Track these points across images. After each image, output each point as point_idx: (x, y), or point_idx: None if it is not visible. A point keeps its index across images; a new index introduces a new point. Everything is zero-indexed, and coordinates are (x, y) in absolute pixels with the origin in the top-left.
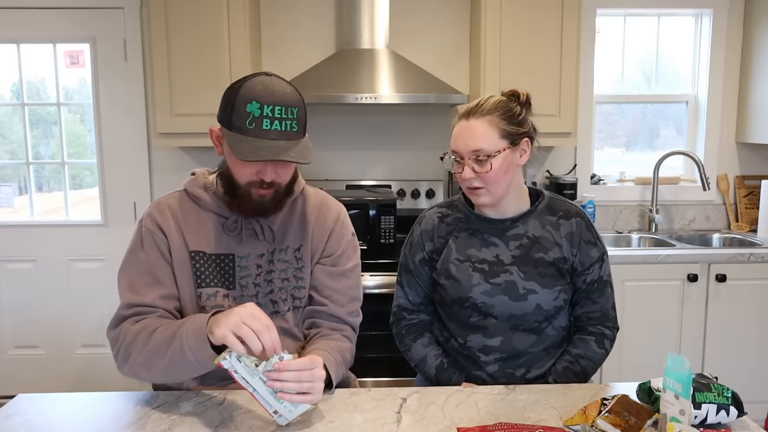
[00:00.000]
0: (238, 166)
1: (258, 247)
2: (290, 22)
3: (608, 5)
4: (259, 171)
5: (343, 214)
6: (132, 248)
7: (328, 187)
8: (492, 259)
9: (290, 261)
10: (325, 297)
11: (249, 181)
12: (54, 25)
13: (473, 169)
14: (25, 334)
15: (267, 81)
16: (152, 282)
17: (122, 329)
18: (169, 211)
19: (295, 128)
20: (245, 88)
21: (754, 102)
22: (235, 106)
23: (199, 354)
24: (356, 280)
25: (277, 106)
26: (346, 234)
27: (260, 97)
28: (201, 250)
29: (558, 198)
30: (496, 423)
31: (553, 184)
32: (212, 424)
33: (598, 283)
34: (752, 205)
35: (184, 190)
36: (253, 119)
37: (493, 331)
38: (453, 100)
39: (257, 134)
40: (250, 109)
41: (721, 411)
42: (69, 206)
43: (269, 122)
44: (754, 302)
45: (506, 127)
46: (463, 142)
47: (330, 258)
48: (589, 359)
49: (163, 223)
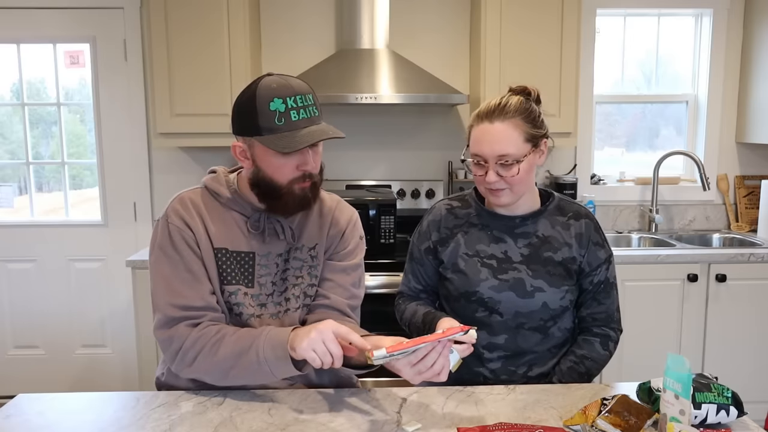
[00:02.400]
0: (277, 167)
1: (278, 247)
2: (290, 22)
3: (608, 5)
4: (300, 164)
5: (356, 218)
6: (161, 245)
7: (328, 187)
8: (501, 256)
9: (305, 259)
10: (327, 290)
11: (292, 178)
12: (54, 25)
13: (497, 172)
14: (25, 334)
15: (276, 78)
16: (191, 280)
17: (178, 332)
18: (193, 207)
19: (317, 113)
20: (261, 91)
21: (754, 102)
22: (258, 110)
23: (276, 368)
24: (357, 278)
25: (298, 95)
26: (355, 236)
27: (279, 92)
28: (225, 247)
29: (567, 199)
30: (496, 423)
31: (553, 184)
32: (212, 424)
33: (604, 284)
34: (752, 205)
35: (205, 186)
36: (280, 115)
37: (499, 329)
38: (453, 100)
39: (290, 127)
40: (275, 106)
41: (721, 411)
42: (69, 206)
43: (296, 113)
44: (754, 302)
45: (530, 130)
46: (489, 146)
47: (337, 255)
48: (594, 360)
49: (189, 219)
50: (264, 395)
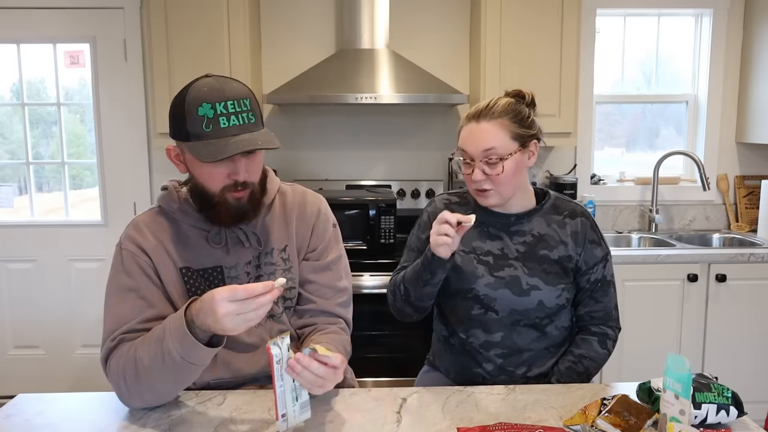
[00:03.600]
0: (208, 175)
1: (245, 255)
2: (290, 22)
3: (608, 5)
4: (231, 172)
5: (324, 207)
6: (113, 274)
7: (328, 187)
8: (497, 252)
9: (277, 263)
10: (310, 293)
11: (223, 186)
12: (54, 25)
13: (483, 171)
14: (25, 334)
15: (210, 81)
16: (142, 306)
17: (110, 366)
18: (148, 230)
19: (252, 119)
20: (191, 94)
21: (754, 102)
22: (187, 114)
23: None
24: (340, 272)
25: (229, 101)
26: (327, 227)
27: (209, 96)
28: (188, 266)
29: (563, 198)
30: (496, 423)
31: (553, 184)
32: (212, 424)
33: (601, 282)
34: (752, 205)
35: (159, 206)
36: (208, 121)
37: (494, 327)
38: (453, 100)
39: (218, 134)
40: (203, 111)
41: (721, 411)
42: (69, 206)
43: (225, 119)
44: (754, 302)
45: (517, 129)
46: (474, 144)
47: (314, 253)
48: (592, 359)
49: (145, 243)
50: (264, 395)
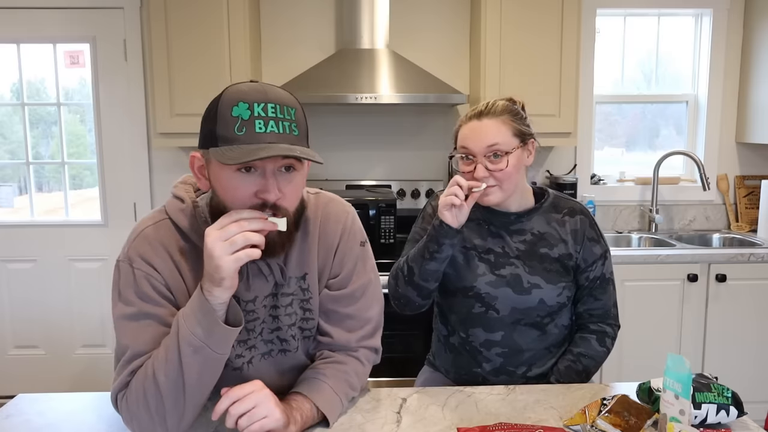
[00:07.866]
0: (232, 190)
1: (265, 288)
2: (290, 22)
3: (608, 5)
4: (260, 189)
5: (349, 224)
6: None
7: (328, 187)
8: (498, 250)
9: (295, 293)
10: (332, 324)
11: (248, 206)
12: (54, 25)
13: (486, 167)
14: (25, 334)
15: (254, 84)
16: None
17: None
18: (162, 247)
19: (296, 132)
20: (228, 93)
21: (754, 102)
22: (219, 115)
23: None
24: (368, 300)
25: (270, 103)
26: (353, 248)
27: (247, 96)
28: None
29: (563, 196)
30: (496, 423)
31: (553, 184)
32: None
33: (600, 280)
34: (752, 205)
35: (169, 218)
36: (242, 123)
37: (495, 325)
38: (453, 100)
39: (250, 139)
40: (237, 112)
41: (721, 411)
42: (69, 206)
43: (263, 123)
44: (754, 302)
45: (518, 126)
46: (478, 140)
47: (335, 280)
48: (591, 357)
49: (157, 261)
50: None
